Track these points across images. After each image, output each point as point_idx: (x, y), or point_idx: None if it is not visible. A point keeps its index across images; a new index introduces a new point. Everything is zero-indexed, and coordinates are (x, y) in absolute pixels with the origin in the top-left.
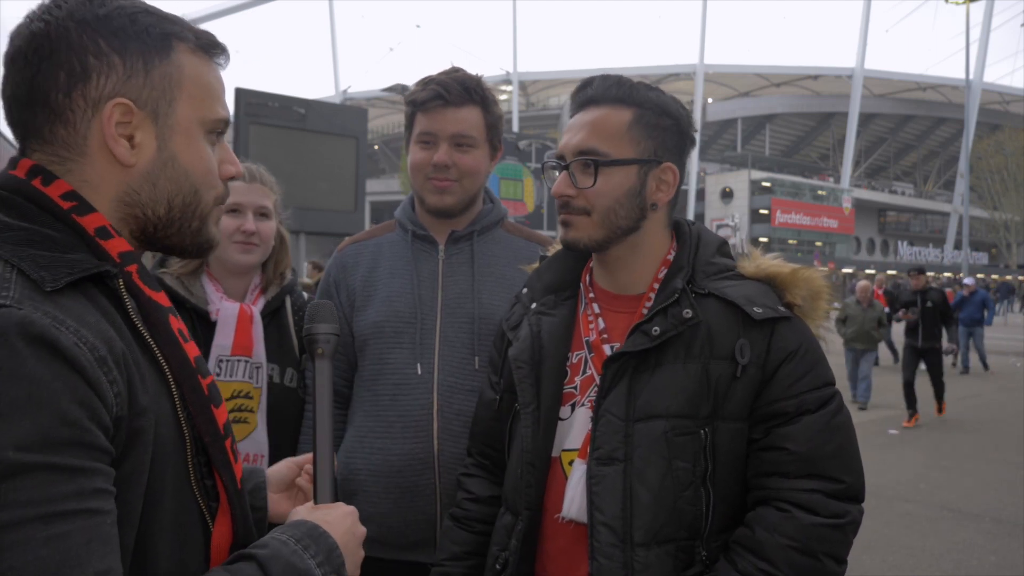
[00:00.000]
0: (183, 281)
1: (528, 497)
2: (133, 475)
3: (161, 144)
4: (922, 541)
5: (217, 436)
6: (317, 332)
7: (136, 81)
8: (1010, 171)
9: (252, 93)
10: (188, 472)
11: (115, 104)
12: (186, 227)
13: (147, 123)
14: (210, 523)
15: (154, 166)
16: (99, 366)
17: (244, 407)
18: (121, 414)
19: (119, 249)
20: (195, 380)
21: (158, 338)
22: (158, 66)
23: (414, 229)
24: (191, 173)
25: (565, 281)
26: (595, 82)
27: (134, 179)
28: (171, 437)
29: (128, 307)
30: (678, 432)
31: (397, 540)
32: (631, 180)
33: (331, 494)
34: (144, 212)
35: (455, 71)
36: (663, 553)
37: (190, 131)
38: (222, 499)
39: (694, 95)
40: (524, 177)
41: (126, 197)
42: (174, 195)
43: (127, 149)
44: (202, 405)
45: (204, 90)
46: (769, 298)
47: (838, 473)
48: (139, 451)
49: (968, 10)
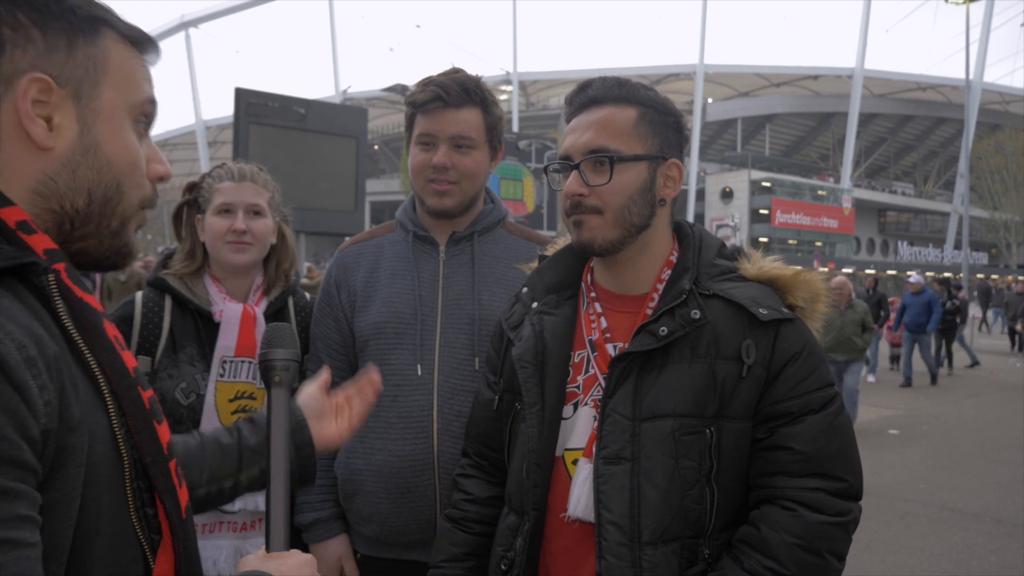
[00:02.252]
0: (186, 282)
1: (535, 497)
2: (62, 501)
3: (83, 128)
4: (922, 541)
5: (160, 456)
6: (274, 358)
7: (57, 57)
8: (1010, 171)
9: (252, 93)
10: (127, 498)
11: (31, 79)
12: (104, 225)
13: (68, 103)
14: (151, 559)
15: (74, 152)
16: (27, 367)
17: (249, 408)
18: (49, 427)
19: (44, 246)
20: (135, 392)
21: (93, 344)
22: (82, 47)
23: (415, 230)
24: (115, 163)
25: (566, 280)
26: (595, 83)
27: (51, 166)
28: (107, 457)
29: (58, 307)
30: (685, 431)
31: (397, 540)
32: (643, 176)
33: (285, 541)
34: (61, 204)
35: (455, 72)
36: (669, 552)
37: (115, 118)
38: (165, 531)
39: (694, 95)
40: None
41: (42, 187)
42: (95, 185)
43: (44, 130)
44: (143, 421)
45: (131, 79)
46: (773, 300)
47: (840, 472)
48: (69, 472)
49: (968, 10)
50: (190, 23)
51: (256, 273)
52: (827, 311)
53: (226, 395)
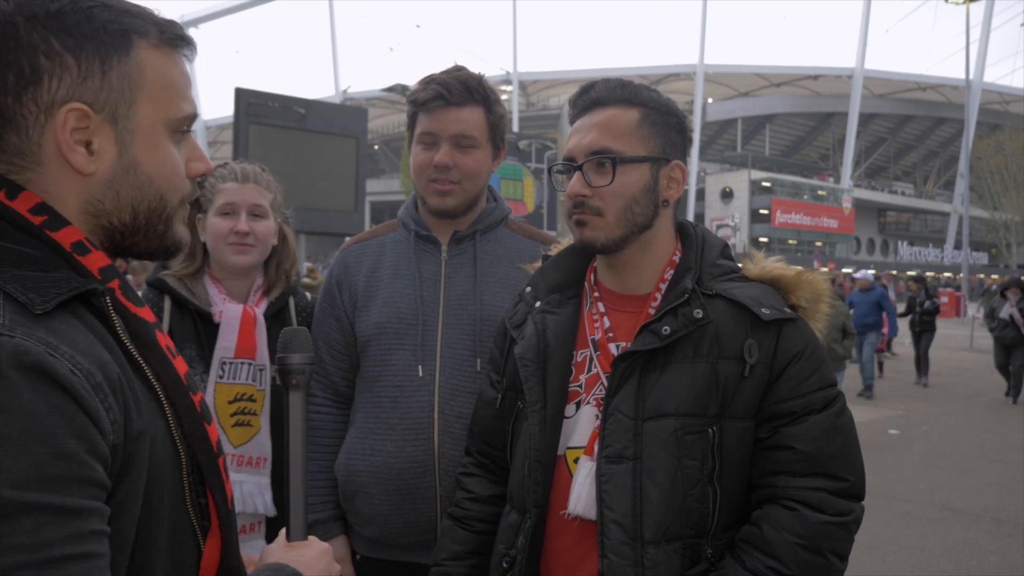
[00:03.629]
0: (185, 282)
1: (536, 496)
2: (127, 501)
3: (122, 149)
4: (922, 541)
5: (211, 454)
6: (291, 363)
7: (92, 83)
8: (1010, 171)
9: (252, 93)
10: (184, 491)
11: (69, 110)
12: (152, 232)
13: (105, 127)
14: (201, 543)
15: (115, 173)
16: (96, 394)
17: (248, 410)
18: (117, 441)
19: (99, 264)
20: (188, 398)
21: (148, 356)
22: (116, 66)
23: (417, 229)
24: (155, 178)
25: (569, 280)
26: (598, 85)
27: (95, 188)
28: (167, 457)
29: (116, 326)
30: (687, 431)
31: (397, 541)
32: (646, 177)
33: (304, 531)
34: (110, 221)
35: (457, 70)
36: (671, 551)
37: (152, 133)
38: (213, 519)
39: (694, 95)
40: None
41: (89, 207)
42: (139, 202)
43: (85, 157)
44: (196, 423)
45: (167, 88)
46: (775, 300)
47: (843, 472)
48: (133, 476)
49: (968, 10)
50: (190, 23)
51: (256, 274)
52: (830, 311)
53: (225, 396)
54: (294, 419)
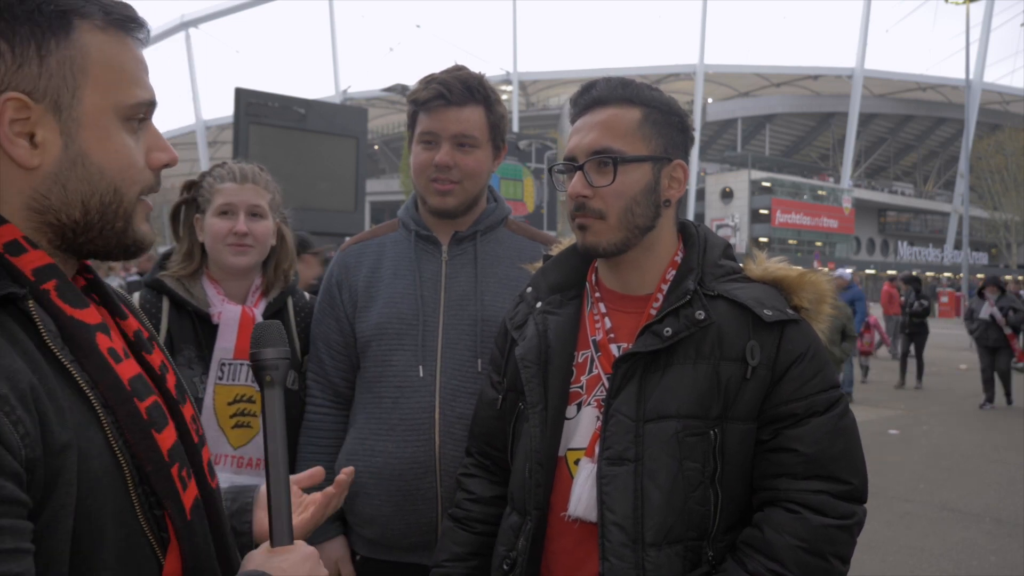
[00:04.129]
0: (183, 283)
1: (537, 497)
2: (55, 519)
3: (67, 140)
4: (922, 541)
5: (161, 463)
6: (264, 358)
7: (29, 70)
8: (1010, 171)
9: (252, 93)
10: (132, 505)
11: (6, 100)
12: (108, 229)
13: (48, 117)
14: (161, 557)
15: (62, 166)
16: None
17: (247, 411)
18: (33, 455)
19: (33, 265)
20: (131, 404)
21: (83, 362)
22: (55, 50)
23: (417, 229)
24: (106, 170)
25: (570, 280)
26: (600, 84)
27: (40, 183)
28: (106, 469)
29: (41, 330)
30: (689, 432)
31: (398, 542)
32: (647, 177)
33: (289, 535)
34: (58, 218)
35: (458, 69)
36: (672, 553)
37: (101, 122)
38: (170, 531)
39: (694, 95)
40: (524, 177)
41: (34, 204)
42: (89, 196)
43: (27, 150)
44: (141, 431)
45: (116, 72)
46: (778, 301)
47: (845, 474)
48: (60, 492)
49: (968, 10)
50: (190, 23)
51: (255, 274)
52: (833, 312)
53: (224, 398)
54: (271, 418)
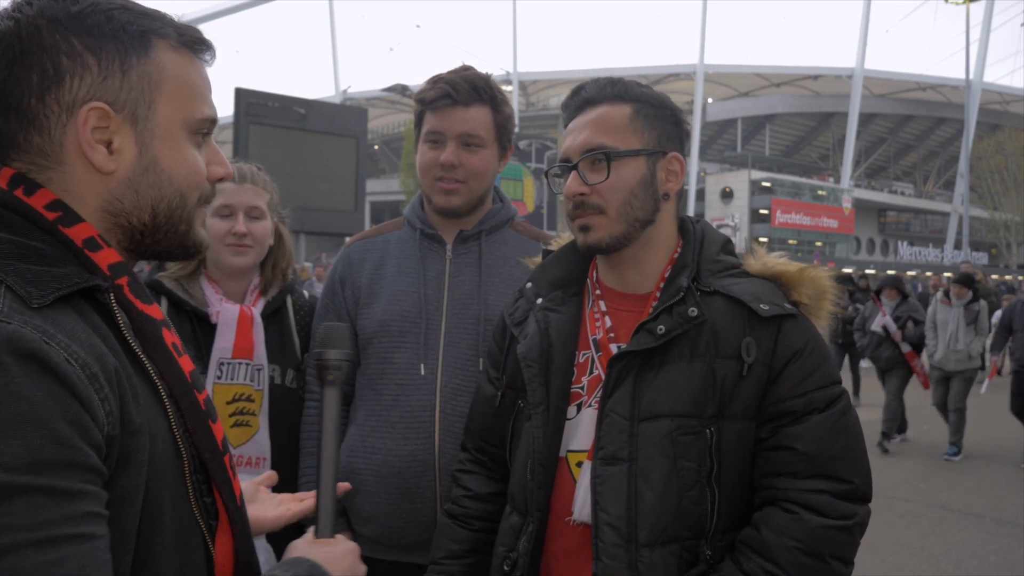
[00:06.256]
0: (182, 283)
1: (539, 499)
2: (127, 497)
3: (142, 149)
4: (922, 541)
5: (216, 452)
6: (328, 358)
7: (112, 83)
8: (1010, 171)
9: (252, 93)
10: (187, 490)
11: (90, 109)
12: (172, 232)
13: (125, 127)
14: (210, 542)
15: (135, 172)
16: (90, 383)
17: (246, 410)
18: (113, 433)
19: (109, 261)
20: (192, 396)
21: (151, 353)
22: (136, 66)
23: (422, 228)
24: (175, 177)
25: (571, 277)
26: (588, 85)
27: (115, 187)
28: (168, 455)
29: (119, 322)
30: (683, 431)
31: (396, 541)
32: (642, 171)
33: (332, 528)
34: (129, 220)
35: (464, 69)
36: (668, 553)
37: (172, 133)
38: (222, 517)
39: (694, 95)
40: (524, 177)
41: (109, 206)
42: (158, 201)
43: (105, 156)
44: (200, 421)
45: (186, 89)
46: (775, 295)
47: (846, 474)
48: (133, 471)
49: (968, 10)
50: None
51: (253, 274)
52: (834, 309)
53: (223, 397)
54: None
